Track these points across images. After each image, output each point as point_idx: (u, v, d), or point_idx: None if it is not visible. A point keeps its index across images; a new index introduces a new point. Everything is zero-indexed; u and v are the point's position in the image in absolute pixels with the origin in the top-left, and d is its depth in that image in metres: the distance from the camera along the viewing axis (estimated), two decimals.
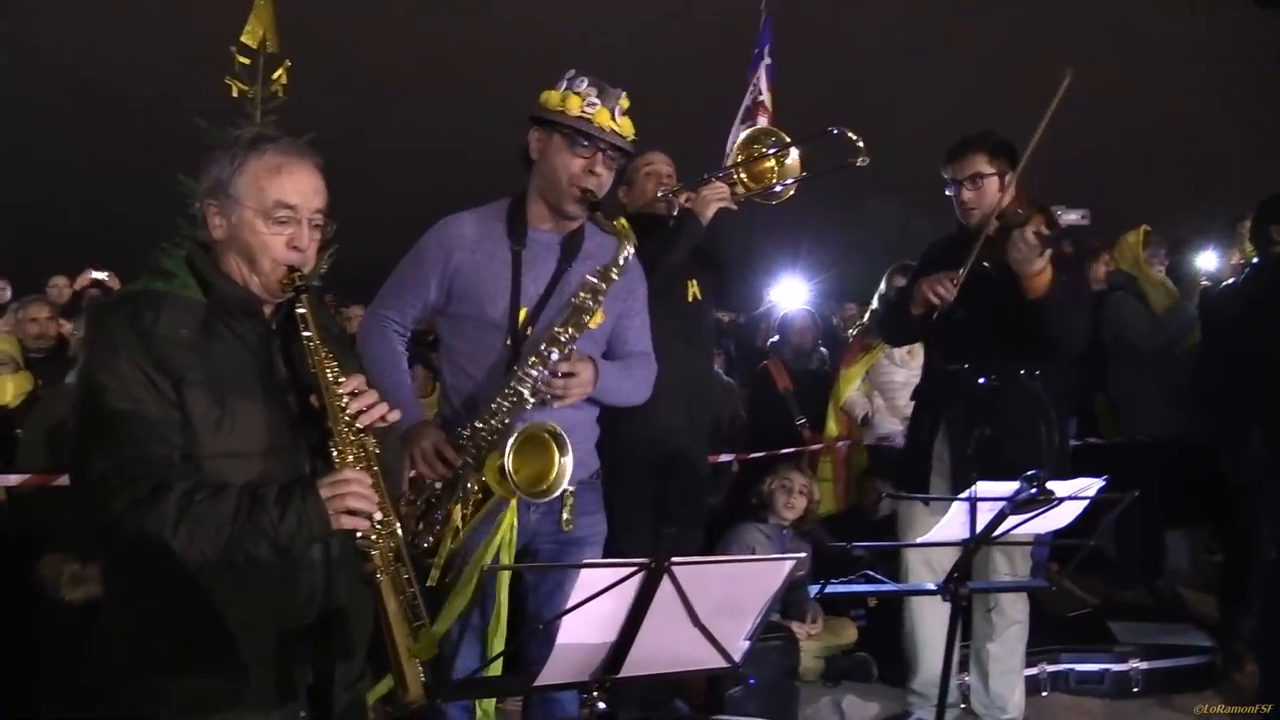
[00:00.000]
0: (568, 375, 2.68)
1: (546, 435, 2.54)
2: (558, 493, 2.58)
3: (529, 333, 2.75)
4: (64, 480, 3.84)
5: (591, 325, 2.76)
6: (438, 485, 2.71)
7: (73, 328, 6.10)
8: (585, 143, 2.71)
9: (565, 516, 2.81)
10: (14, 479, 3.98)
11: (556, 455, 2.54)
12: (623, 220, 2.79)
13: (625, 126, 2.77)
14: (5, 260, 9.91)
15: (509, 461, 2.48)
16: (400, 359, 2.91)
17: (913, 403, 4.02)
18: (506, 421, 2.66)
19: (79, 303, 8.67)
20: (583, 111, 2.69)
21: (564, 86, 2.75)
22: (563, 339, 2.68)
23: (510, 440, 2.51)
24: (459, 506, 2.66)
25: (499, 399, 2.67)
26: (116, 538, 1.86)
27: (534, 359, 2.67)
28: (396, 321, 2.89)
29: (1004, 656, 3.70)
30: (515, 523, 2.64)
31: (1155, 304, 5.42)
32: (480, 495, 2.66)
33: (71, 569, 3.65)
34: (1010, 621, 3.67)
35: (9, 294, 9.12)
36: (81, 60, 14.46)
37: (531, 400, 2.67)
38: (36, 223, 14.17)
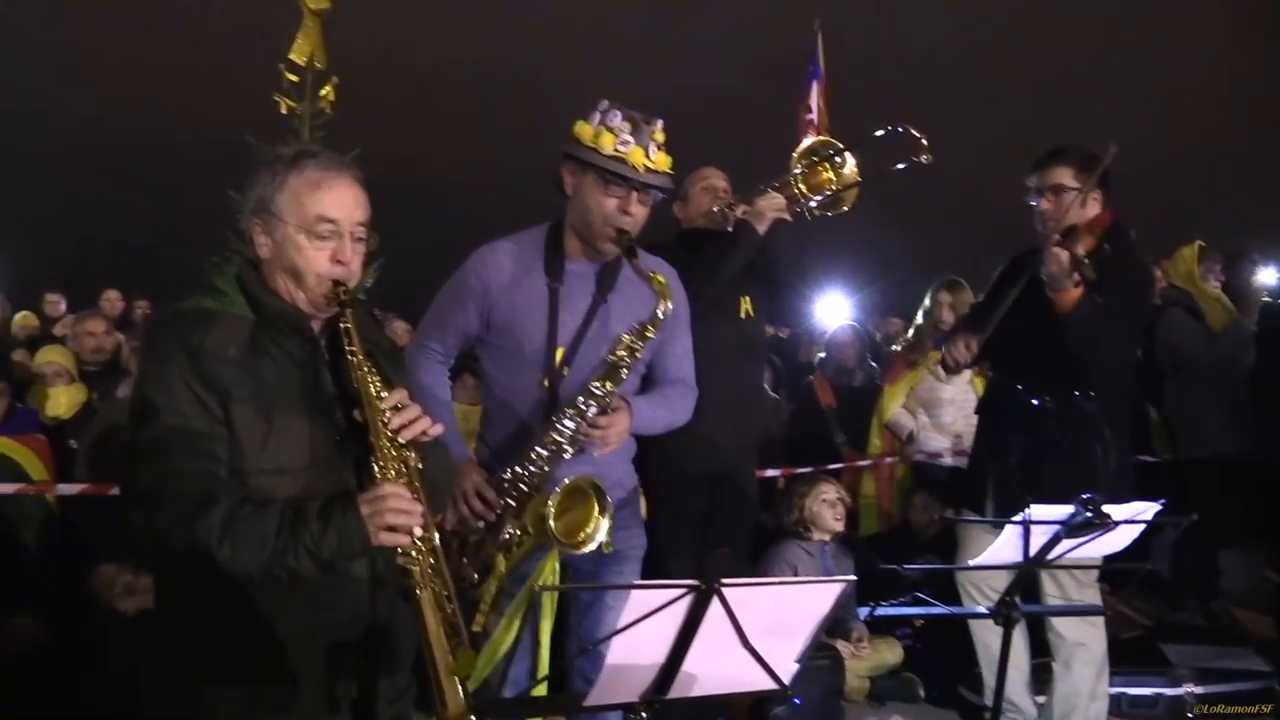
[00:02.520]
0: (604, 428, 2.67)
1: (589, 489, 2.55)
2: (590, 549, 2.57)
3: (565, 372, 2.75)
4: (117, 490, 3.90)
5: (624, 377, 2.75)
6: (480, 524, 2.72)
7: (127, 341, 6.22)
8: (619, 183, 2.66)
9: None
10: (70, 488, 4.05)
11: (596, 510, 2.54)
12: (660, 278, 2.71)
13: (661, 162, 2.69)
14: (58, 275, 10.14)
15: (551, 510, 2.50)
16: (444, 391, 2.93)
17: (963, 419, 3.97)
18: (546, 469, 2.67)
19: (130, 317, 8.87)
20: (616, 150, 2.63)
21: (597, 120, 2.68)
22: (599, 393, 2.68)
23: (555, 490, 2.52)
24: (502, 555, 2.67)
25: (539, 447, 2.68)
26: (163, 551, 1.89)
27: (572, 410, 2.66)
28: (439, 352, 2.90)
29: (1065, 677, 3.64)
30: (557, 568, 2.64)
31: (1212, 321, 5.31)
32: (521, 540, 2.67)
33: (125, 580, 3.70)
34: (1072, 644, 3.60)
35: (63, 307, 9.35)
36: (139, 90, 14.83)
37: (569, 449, 2.67)
38: (88, 237, 14.49)
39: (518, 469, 2.70)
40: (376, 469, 1.93)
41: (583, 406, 2.67)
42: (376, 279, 6.01)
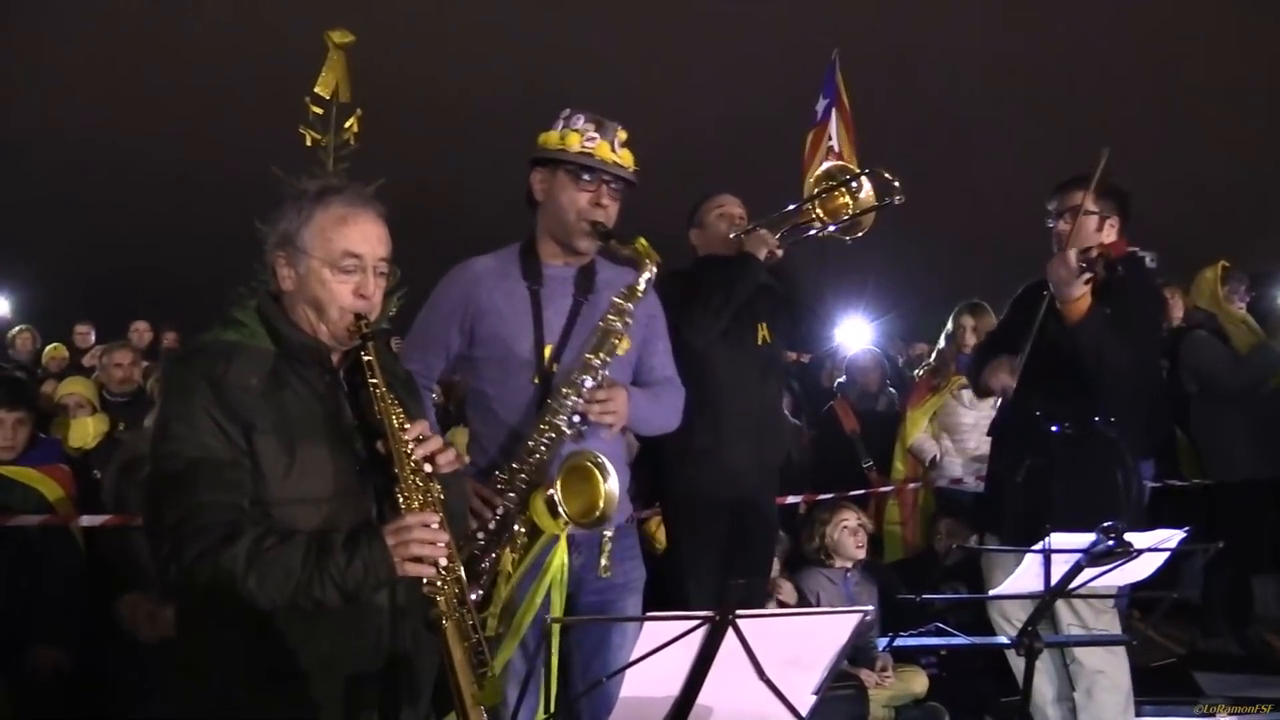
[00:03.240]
0: (604, 400, 2.65)
1: (589, 464, 2.50)
2: (611, 519, 2.54)
3: (555, 369, 2.73)
4: (140, 521, 3.93)
5: (620, 351, 2.73)
6: (480, 536, 2.66)
7: (151, 370, 6.30)
8: (588, 176, 2.72)
9: (604, 563, 2.75)
10: (95, 520, 4.07)
11: (602, 483, 2.49)
12: (642, 240, 2.75)
13: (626, 158, 2.77)
14: (89, 306, 10.30)
15: (558, 492, 2.45)
16: (428, 413, 2.86)
17: (986, 444, 3.93)
18: (545, 457, 2.62)
19: (158, 348, 8.98)
20: (583, 147, 2.71)
21: (561, 126, 2.77)
22: (595, 364, 2.65)
23: (556, 471, 2.48)
24: (508, 551, 2.62)
25: (535, 435, 2.63)
26: (189, 583, 1.89)
27: (567, 389, 2.63)
28: (422, 374, 2.83)
29: (1088, 707, 3.57)
30: (565, 561, 2.60)
31: (1237, 342, 5.27)
32: (527, 538, 2.62)
33: (148, 608, 3.72)
34: (1091, 672, 3.54)
35: (92, 338, 9.48)
36: (177, 129, 15.13)
37: (569, 431, 2.63)
38: (119, 269, 14.71)
39: (514, 465, 2.65)
40: (401, 500, 1.95)
41: (579, 381, 2.64)
42: (398, 310, 6.08)
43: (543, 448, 2.63)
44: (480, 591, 2.63)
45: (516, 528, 2.62)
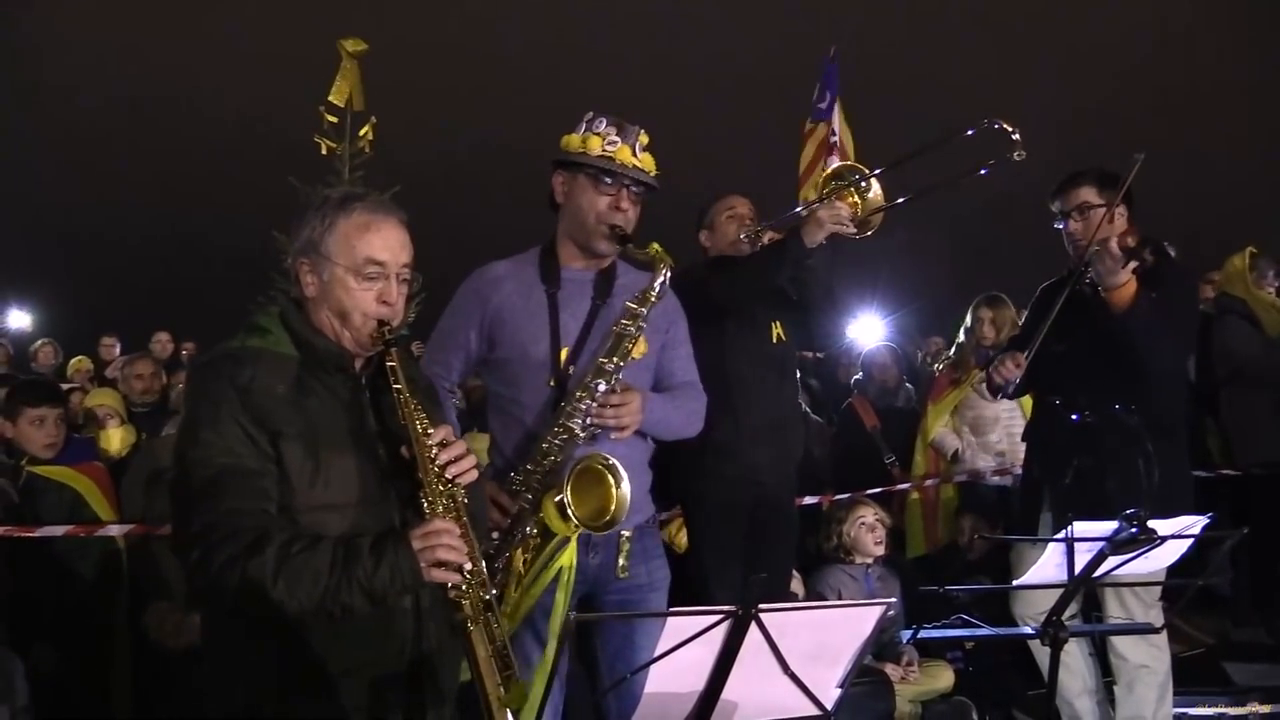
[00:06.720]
0: (617, 405, 2.65)
1: (601, 467, 2.52)
2: (622, 523, 2.55)
3: (571, 371, 2.74)
4: (167, 529, 3.95)
5: (635, 355, 2.74)
6: (494, 535, 2.66)
7: (177, 382, 6.35)
8: (609, 180, 2.74)
9: (621, 563, 2.75)
10: (119, 529, 4.10)
11: (613, 487, 2.51)
12: (656, 246, 2.75)
13: (647, 162, 2.78)
14: (114, 318, 10.40)
15: (568, 496, 2.46)
16: (449, 414, 2.87)
17: (1008, 439, 3.92)
18: (558, 459, 2.63)
19: (178, 357, 9.05)
20: (604, 150, 2.73)
21: (583, 129, 2.78)
22: (608, 368, 2.66)
23: (566, 474, 2.49)
24: (519, 552, 2.62)
25: (549, 438, 2.65)
26: (217, 589, 1.90)
27: (581, 392, 2.64)
28: (443, 376, 2.87)
29: (1128, 701, 3.55)
30: (574, 562, 2.61)
31: (1268, 327, 5.24)
32: (539, 539, 2.63)
33: (176, 618, 3.75)
34: (1135, 666, 3.52)
35: (117, 350, 9.57)
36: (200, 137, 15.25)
37: (582, 435, 2.64)
38: (145, 280, 14.85)
39: (529, 466, 2.67)
40: (425, 504, 1.96)
41: (592, 385, 2.64)
42: (418, 314, 6.11)
43: (556, 450, 2.64)
44: (494, 591, 2.64)
45: (529, 529, 2.63)
